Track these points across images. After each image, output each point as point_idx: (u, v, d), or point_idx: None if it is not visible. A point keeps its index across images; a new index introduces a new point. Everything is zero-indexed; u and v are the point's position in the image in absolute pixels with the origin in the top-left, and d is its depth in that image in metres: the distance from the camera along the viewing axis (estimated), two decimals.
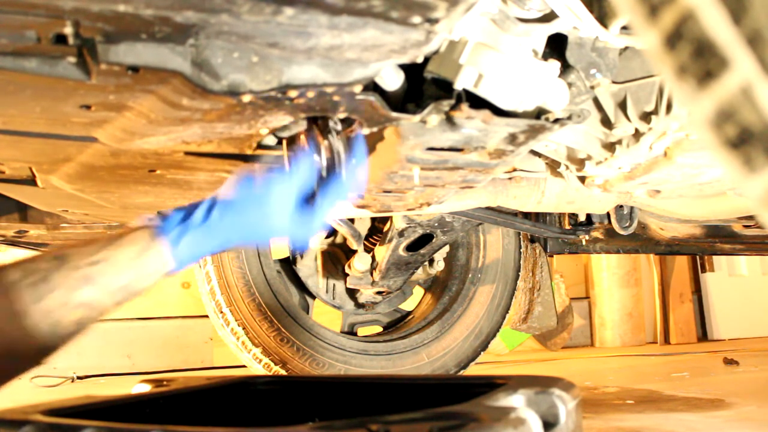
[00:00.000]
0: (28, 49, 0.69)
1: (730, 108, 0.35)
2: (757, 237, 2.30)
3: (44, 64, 0.72)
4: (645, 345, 4.59)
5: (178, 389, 0.89)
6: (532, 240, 2.55)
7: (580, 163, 1.38)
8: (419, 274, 2.34)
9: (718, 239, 2.28)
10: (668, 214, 1.75)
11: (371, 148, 1.10)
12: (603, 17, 0.92)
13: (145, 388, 0.90)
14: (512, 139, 1.03)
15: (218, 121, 0.86)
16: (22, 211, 1.70)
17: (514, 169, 1.51)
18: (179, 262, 0.86)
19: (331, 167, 0.90)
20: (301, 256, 2.33)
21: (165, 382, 0.92)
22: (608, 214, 2.05)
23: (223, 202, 0.88)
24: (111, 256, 0.80)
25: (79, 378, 3.18)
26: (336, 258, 2.38)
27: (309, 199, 0.91)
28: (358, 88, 0.81)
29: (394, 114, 0.90)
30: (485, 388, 0.72)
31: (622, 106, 1.20)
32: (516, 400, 0.68)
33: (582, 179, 1.49)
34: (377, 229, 2.25)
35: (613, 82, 1.16)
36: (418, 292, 2.58)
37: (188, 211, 0.87)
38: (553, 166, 1.49)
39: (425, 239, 2.11)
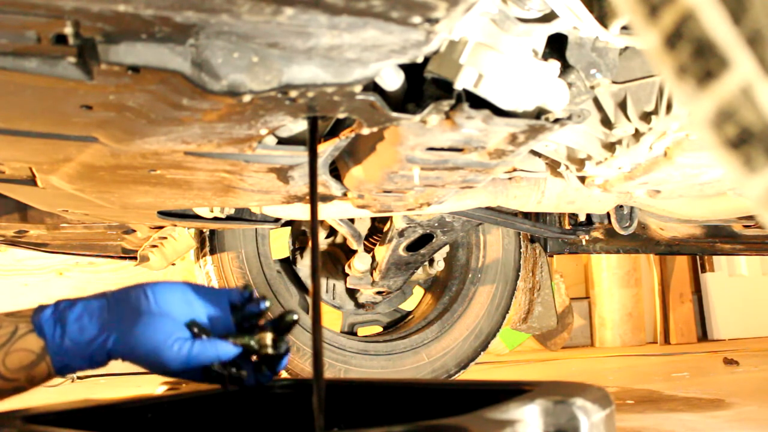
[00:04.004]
0: (28, 49, 0.69)
1: (730, 108, 0.35)
2: (757, 237, 2.30)
3: (44, 64, 0.72)
4: (645, 345, 4.59)
5: (185, 393, 0.86)
6: (532, 240, 2.55)
7: (580, 163, 1.38)
8: (419, 274, 2.34)
9: (718, 239, 2.28)
10: (668, 214, 1.75)
11: (371, 148, 1.10)
12: (603, 17, 0.92)
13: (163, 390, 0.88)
14: (512, 139, 1.03)
15: (218, 121, 0.86)
16: (22, 211, 1.70)
17: (514, 169, 1.51)
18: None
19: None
20: (302, 256, 2.33)
21: (184, 385, 0.88)
22: (608, 214, 2.05)
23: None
24: None
25: (79, 378, 3.18)
26: (336, 258, 2.38)
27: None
28: (358, 88, 0.81)
29: (394, 114, 0.90)
30: (510, 396, 0.65)
31: (622, 106, 1.20)
32: (528, 412, 0.61)
33: (582, 179, 1.49)
34: (377, 229, 2.25)
35: (613, 82, 1.16)
36: (418, 292, 2.58)
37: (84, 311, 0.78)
38: (553, 166, 1.49)
39: (425, 239, 2.11)
